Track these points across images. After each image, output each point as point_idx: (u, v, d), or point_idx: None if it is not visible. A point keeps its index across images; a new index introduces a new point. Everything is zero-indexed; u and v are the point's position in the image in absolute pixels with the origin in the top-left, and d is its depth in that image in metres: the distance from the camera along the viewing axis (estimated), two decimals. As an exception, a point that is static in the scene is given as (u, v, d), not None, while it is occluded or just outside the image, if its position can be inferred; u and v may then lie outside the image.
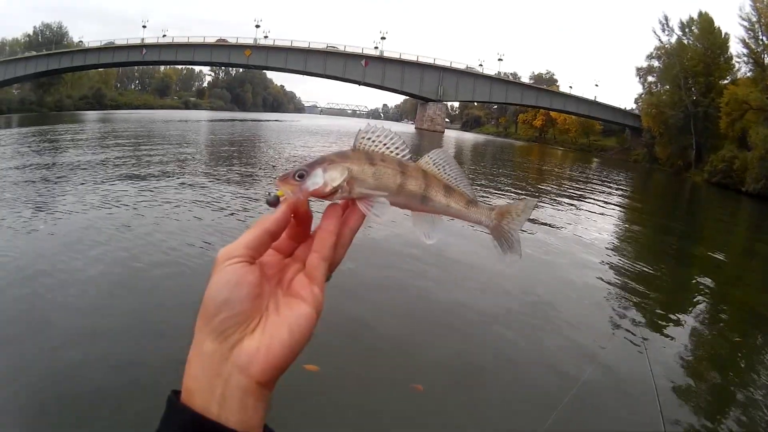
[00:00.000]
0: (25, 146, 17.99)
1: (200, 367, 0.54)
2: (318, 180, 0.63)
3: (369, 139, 0.68)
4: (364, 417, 3.79)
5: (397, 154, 0.68)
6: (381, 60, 63.40)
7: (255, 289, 0.58)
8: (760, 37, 34.45)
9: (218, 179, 13.02)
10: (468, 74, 65.04)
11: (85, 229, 7.52)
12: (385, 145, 0.68)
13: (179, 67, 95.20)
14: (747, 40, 35.46)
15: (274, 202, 0.63)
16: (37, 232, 7.37)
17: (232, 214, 9.30)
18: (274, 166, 17.23)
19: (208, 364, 0.54)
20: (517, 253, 0.74)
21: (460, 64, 65.63)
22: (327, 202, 0.66)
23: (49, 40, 64.97)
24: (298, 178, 0.63)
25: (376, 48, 65.23)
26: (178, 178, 12.50)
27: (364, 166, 0.66)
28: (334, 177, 0.64)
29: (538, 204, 13.59)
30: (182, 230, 7.80)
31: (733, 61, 40.42)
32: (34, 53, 60.42)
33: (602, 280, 7.76)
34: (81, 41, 68.16)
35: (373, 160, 0.67)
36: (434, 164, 0.72)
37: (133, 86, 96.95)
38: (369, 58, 63.11)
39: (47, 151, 16.65)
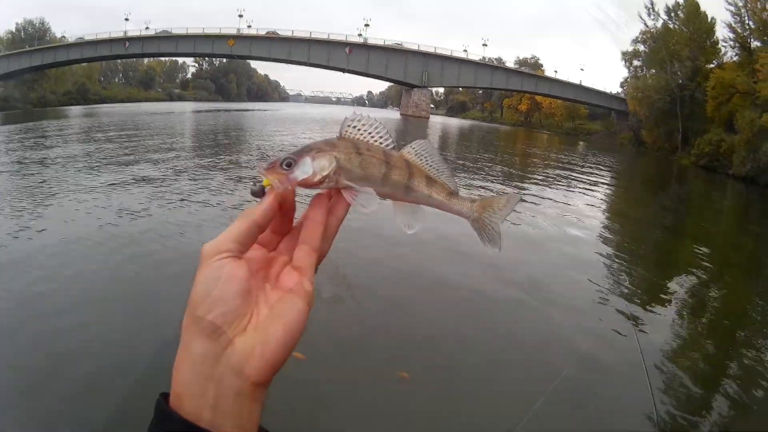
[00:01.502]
0: (12, 143, 18.00)
1: (190, 369, 0.51)
2: (307, 169, 0.62)
3: (355, 127, 0.67)
4: (351, 405, 3.84)
5: (382, 143, 0.68)
6: (365, 47, 63.41)
7: (245, 284, 0.55)
8: (747, 22, 34.83)
9: (204, 171, 13.15)
10: (453, 60, 65.12)
11: (77, 225, 7.62)
12: (370, 133, 0.68)
13: (163, 59, 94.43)
14: (733, 25, 35.85)
15: (259, 192, 0.61)
16: (29, 228, 7.41)
17: (217, 204, 9.38)
18: (259, 155, 17.30)
19: (199, 366, 0.51)
20: (497, 246, 0.75)
21: (444, 50, 65.77)
22: (305, 191, 0.64)
23: (32, 37, 64.15)
24: (285, 167, 0.61)
25: (360, 35, 65.12)
26: (165, 172, 12.60)
27: (351, 155, 0.65)
28: (323, 166, 0.62)
29: (524, 193, 13.76)
30: (171, 222, 7.89)
31: (720, 46, 40.78)
32: (16, 50, 59.81)
33: (591, 264, 7.81)
34: (63, 36, 67.31)
35: (359, 149, 0.66)
36: (417, 154, 0.71)
37: (117, 80, 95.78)
38: (353, 46, 63.08)
39: (34, 148, 16.65)
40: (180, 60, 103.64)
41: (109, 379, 3.80)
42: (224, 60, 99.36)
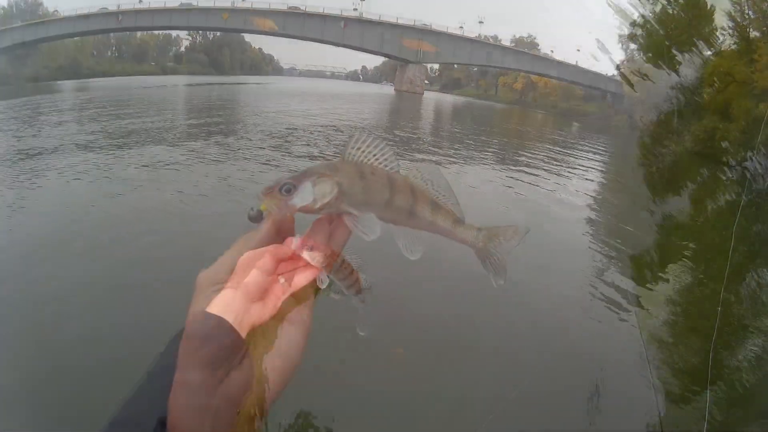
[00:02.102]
0: (5, 120, 17.79)
1: (187, 400, 0.50)
2: (307, 196, 0.59)
3: (359, 149, 0.64)
4: (346, 379, 3.90)
5: (387, 165, 0.65)
6: (360, 22, 62.93)
7: (241, 315, 0.53)
8: (747, 11, 34.68)
9: (196, 149, 13.19)
10: (448, 36, 64.75)
11: (69, 205, 7.74)
12: (374, 156, 0.65)
13: (156, 33, 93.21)
14: (733, 14, 35.68)
15: (257, 218, 0.59)
16: (24, 208, 7.54)
17: (210, 195, 9.06)
18: (261, 139, 17.00)
19: (195, 397, 0.50)
20: (502, 278, 0.71)
21: (440, 27, 65.29)
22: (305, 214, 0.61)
23: (24, 11, 63.44)
24: (284, 193, 0.58)
25: (355, 10, 64.53)
26: (158, 153, 12.41)
27: (354, 180, 0.62)
28: (325, 193, 0.59)
29: (517, 173, 14.25)
30: (169, 210, 7.84)
31: (718, 34, 40.56)
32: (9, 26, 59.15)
33: (588, 249, 7.90)
34: (56, 11, 66.44)
35: (363, 174, 0.63)
36: (423, 179, 0.69)
37: (109, 54, 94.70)
38: (348, 20, 62.55)
39: (26, 125, 16.51)
40: (173, 34, 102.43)
41: (107, 388, 3.74)
42: (218, 33, 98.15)
